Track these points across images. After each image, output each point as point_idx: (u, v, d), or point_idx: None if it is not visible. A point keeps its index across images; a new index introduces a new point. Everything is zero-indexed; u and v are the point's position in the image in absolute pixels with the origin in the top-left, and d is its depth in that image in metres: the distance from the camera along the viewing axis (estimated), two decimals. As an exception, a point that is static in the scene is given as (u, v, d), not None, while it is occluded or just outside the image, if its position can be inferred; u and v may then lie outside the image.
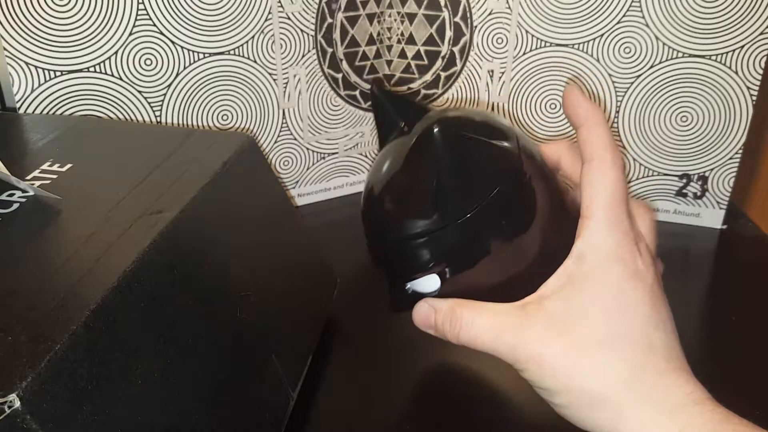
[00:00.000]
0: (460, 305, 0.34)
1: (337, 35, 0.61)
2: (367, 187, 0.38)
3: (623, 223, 0.32)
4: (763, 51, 0.56)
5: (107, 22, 0.51)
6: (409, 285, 0.37)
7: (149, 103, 0.54)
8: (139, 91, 0.54)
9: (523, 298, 0.32)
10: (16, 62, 0.49)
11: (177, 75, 0.55)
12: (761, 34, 0.55)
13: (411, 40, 0.63)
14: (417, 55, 0.63)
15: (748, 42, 0.56)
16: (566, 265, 0.32)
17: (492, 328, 0.32)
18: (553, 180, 0.36)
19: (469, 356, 0.47)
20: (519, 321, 0.31)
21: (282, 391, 0.38)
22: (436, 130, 0.33)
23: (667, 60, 0.58)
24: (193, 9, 0.53)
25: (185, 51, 0.54)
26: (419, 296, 0.37)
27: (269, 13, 0.56)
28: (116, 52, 0.52)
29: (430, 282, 0.36)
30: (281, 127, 0.61)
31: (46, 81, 0.50)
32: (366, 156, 0.67)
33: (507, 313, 0.32)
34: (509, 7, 0.59)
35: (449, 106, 0.62)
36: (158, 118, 0.55)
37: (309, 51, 0.60)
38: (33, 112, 0.51)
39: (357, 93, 0.64)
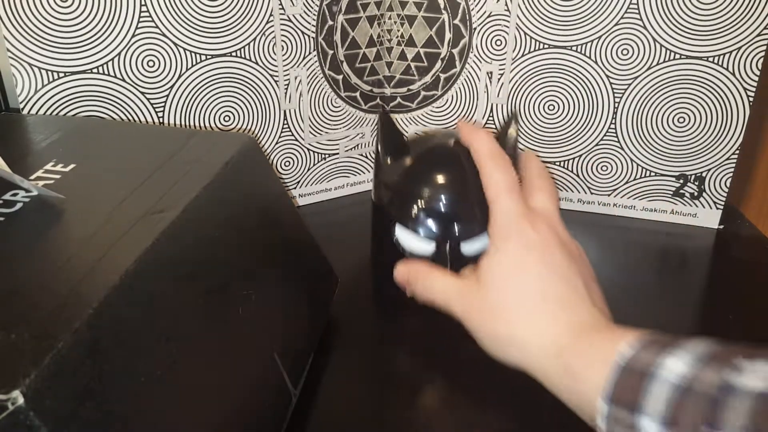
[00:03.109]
0: (426, 271, 0.44)
1: (337, 37, 0.61)
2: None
3: (512, 207, 0.41)
4: (759, 52, 0.56)
5: (110, 24, 0.51)
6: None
7: (152, 104, 0.55)
8: (142, 93, 0.54)
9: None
10: (20, 63, 0.50)
11: (179, 76, 0.55)
12: (758, 35, 0.55)
13: (411, 42, 0.63)
14: (417, 57, 0.64)
15: (745, 44, 0.56)
16: (488, 248, 0.41)
17: (445, 293, 0.42)
18: None
19: (469, 355, 0.47)
20: (463, 289, 0.41)
21: (284, 389, 0.38)
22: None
23: (664, 61, 0.58)
24: (195, 11, 0.53)
25: (187, 53, 0.55)
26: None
27: (270, 15, 0.57)
28: (119, 54, 0.52)
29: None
30: (282, 128, 0.62)
31: (49, 82, 0.51)
32: (366, 157, 0.67)
33: (456, 282, 0.42)
34: (508, 9, 0.59)
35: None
36: (160, 119, 0.56)
37: (310, 53, 0.60)
38: (36, 113, 0.51)
39: (357, 94, 0.64)
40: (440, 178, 0.48)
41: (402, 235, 0.49)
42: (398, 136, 0.51)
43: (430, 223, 0.48)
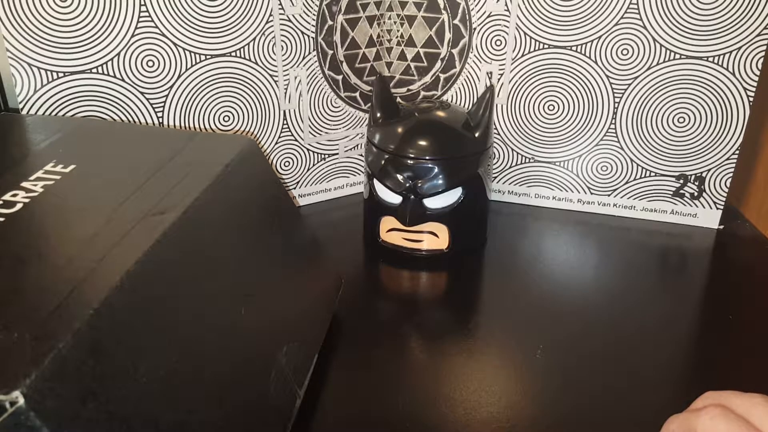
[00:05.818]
0: None
1: (337, 37, 0.61)
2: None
3: None
4: (759, 52, 0.56)
5: (110, 24, 0.51)
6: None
7: (151, 105, 0.55)
8: (141, 93, 0.54)
9: None
10: (19, 63, 0.50)
11: (179, 77, 0.55)
12: (758, 36, 0.55)
13: (411, 42, 0.63)
14: (416, 57, 0.64)
15: (745, 44, 0.56)
16: None
17: None
18: None
19: (471, 356, 0.47)
20: None
21: (289, 389, 0.38)
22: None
23: (664, 61, 0.58)
24: (194, 11, 0.53)
25: (187, 53, 0.55)
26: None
27: (270, 15, 0.57)
28: (119, 54, 0.52)
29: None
30: (282, 129, 0.62)
31: (49, 82, 0.51)
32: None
33: None
34: (508, 10, 0.59)
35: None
36: (160, 120, 0.56)
37: (309, 53, 0.60)
38: (36, 113, 0.51)
39: (357, 95, 0.64)
40: (410, 138, 0.55)
41: (377, 187, 0.57)
42: (391, 101, 0.58)
43: (397, 176, 0.55)
